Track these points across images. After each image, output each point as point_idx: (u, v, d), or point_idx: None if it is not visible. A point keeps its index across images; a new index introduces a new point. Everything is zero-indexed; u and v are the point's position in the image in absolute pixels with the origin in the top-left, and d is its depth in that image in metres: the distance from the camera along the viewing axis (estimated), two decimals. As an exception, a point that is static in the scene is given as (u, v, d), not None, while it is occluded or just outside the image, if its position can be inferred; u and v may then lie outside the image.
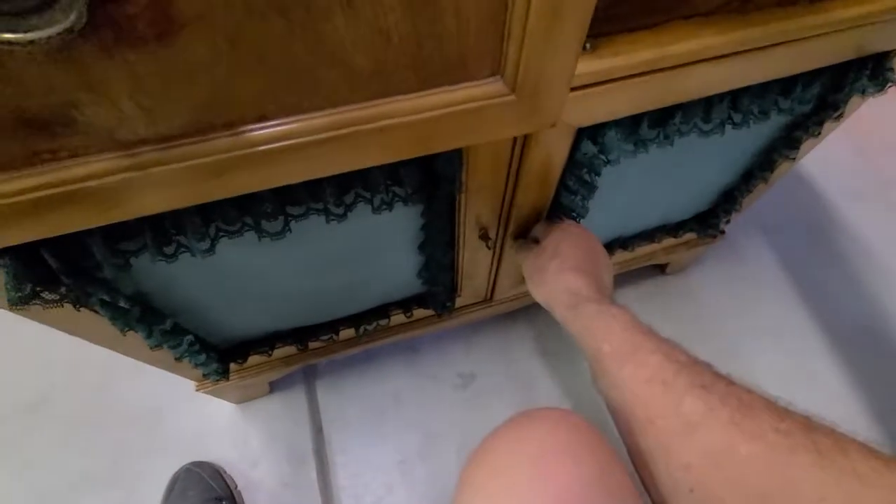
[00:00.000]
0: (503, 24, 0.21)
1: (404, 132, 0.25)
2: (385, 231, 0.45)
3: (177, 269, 0.40)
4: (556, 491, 0.31)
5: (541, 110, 0.26)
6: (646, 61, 0.33)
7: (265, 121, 0.23)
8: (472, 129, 0.27)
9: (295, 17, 0.19)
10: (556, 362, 0.80)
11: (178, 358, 0.48)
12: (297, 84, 0.21)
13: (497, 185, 0.43)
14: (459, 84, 0.24)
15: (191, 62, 0.19)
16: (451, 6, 0.20)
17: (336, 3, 0.19)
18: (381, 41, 0.20)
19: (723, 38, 0.34)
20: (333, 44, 0.20)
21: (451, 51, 0.22)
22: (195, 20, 0.18)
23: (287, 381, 0.75)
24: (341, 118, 0.23)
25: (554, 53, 0.23)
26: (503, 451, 0.36)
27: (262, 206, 0.35)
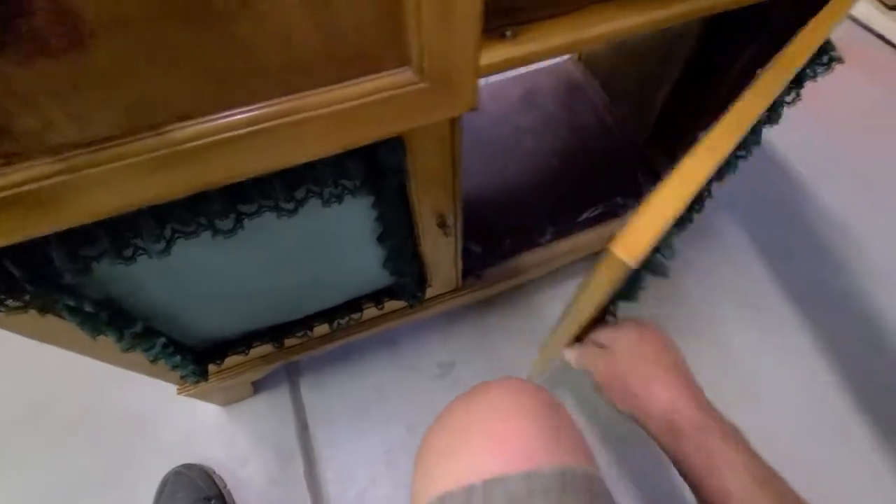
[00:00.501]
0: (400, 18, 0.23)
1: (324, 124, 0.27)
2: (342, 224, 0.47)
3: (142, 273, 0.42)
4: (505, 448, 0.33)
5: (455, 95, 0.28)
6: (565, 44, 0.35)
7: (188, 119, 0.24)
8: (393, 116, 0.28)
9: (200, 23, 0.20)
10: (533, 345, 0.82)
11: (152, 360, 0.50)
12: (213, 84, 0.23)
13: (445, 172, 0.44)
14: (370, 75, 0.26)
15: (106, 68, 0.21)
16: (345, 3, 0.22)
17: (237, 7, 0.21)
18: (285, 40, 0.22)
19: (643, 16, 0.35)
20: (241, 45, 0.22)
21: (354, 45, 0.24)
22: (103, 29, 0.19)
23: (271, 381, 0.77)
24: (260, 114, 0.25)
25: (453, 41, 0.25)
26: (458, 415, 0.37)
27: (213, 206, 0.37)
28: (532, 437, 0.34)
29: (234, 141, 0.26)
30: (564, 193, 0.79)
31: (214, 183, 0.30)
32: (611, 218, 0.76)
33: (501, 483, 0.31)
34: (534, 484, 0.31)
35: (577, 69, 0.93)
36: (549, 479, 0.31)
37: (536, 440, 0.34)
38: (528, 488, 0.31)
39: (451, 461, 0.34)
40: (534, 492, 0.31)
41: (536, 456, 0.33)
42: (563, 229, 0.75)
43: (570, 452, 0.34)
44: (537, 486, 0.31)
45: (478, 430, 0.35)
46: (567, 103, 0.90)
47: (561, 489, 0.31)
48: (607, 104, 0.88)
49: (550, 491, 0.31)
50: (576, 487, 0.32)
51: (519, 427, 0.35)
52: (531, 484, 0.31)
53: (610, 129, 0.86)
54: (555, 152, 0.84)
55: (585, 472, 0.34)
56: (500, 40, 0.34)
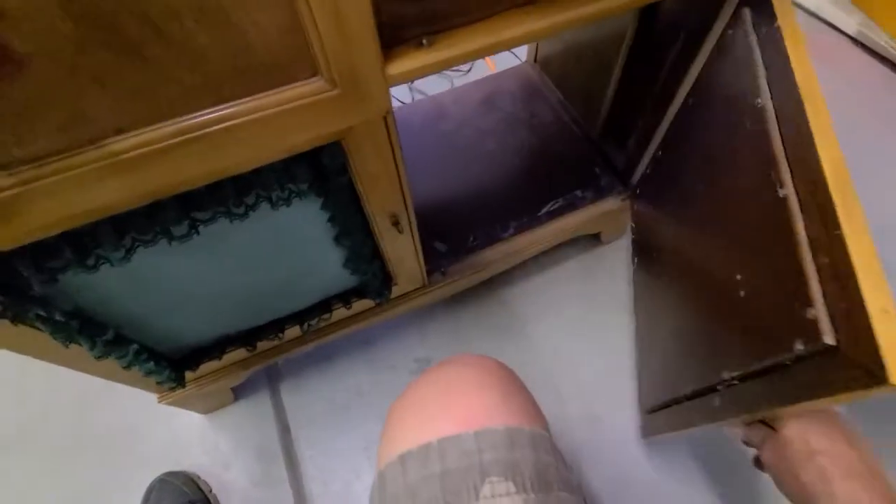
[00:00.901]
0: (301, 33, 0.27)
1: (253, 130, 0.30)
2: (299, 228, 0.50)
3: (110, 282, 0.45)
4: (459, 412, 0.37)
5: (367, 100, 0.31)
6: (478, 49, 0.38)
7: (123, 133, 0.27)
8: (314, 121, 0.32)
9: (118, 49, 0.24)
10: (506, 337, 0.85)
11: (126, 367, 0.53)
12: (141, 100, 0.26)
13: (389, 173, 0.48)
14: (286, 85, 0.29)
15: (40, 92, 0.24)
16: (248, 23, 0.25)
17: (149, 33, 0.24)
18: (199, 59, 0.26)
19: (548, 20, 0.39)
20: (158, 66, 0.25)
21: (264, 59, 0.27)
22: (34, 59, 0.23)
23: (252, 387, 0.80)
24: (188, 124, 0.28)
25: (353, 53, 0.28)
26: (420, 387, 0.41)
27: (169, 213, 0.40)
28: (484, 403, 0.38)
29: (169, 150, 0.29)
30: (526, 189, 0.82)
31: (161, 191, 0.33)
32: (571, 210, 0.80)
33: (455, 440, 0.34)
34: (483, 441, 0.34)
35: (534, 71, 0.98)
36: (497, 436, 0.35)
37: (488, 405, 0.37)
38: (479, 445, 0.34)
39: (411, 425, 0.38)
40: (483, 448, 0.34)
41: (487, 418, 0.36)
42: (525, 223, 0.79)
43: (517, 415, 0.38)
44: (486, 443, 0.34)
45: (435, 398, 0.39)
46: (526, 104, 0.94)
47: (508, 445, 0.35)
48: (563, 103, 0.92)
49: (498, 446, 0.34)
50: (522, 444, 0.35)
51: (473, 394, 0.38)
52: (481, 441, 0.34)
53: (566, 125, 0.89)
54: (516, 151, 0.87)
55: (532, 431, 0.37)
56: (418, 48, 0.37)
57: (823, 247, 0.34)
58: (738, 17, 0.50)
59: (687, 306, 0.57)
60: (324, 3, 0.25)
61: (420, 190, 0.82)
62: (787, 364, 0.36)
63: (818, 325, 0.33)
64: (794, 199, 0.37)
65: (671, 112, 0.64)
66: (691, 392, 0.52)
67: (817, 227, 0.34)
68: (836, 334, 0.32)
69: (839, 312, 0.32)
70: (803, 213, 0.36)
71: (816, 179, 0.35)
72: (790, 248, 0.36)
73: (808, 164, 0.36)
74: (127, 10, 0.22)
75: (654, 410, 0.65)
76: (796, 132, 0.38)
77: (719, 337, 0.48)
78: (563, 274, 0.91)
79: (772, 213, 0.39)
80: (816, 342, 0.33)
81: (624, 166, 0.80)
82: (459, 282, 0.77)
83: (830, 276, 0.33)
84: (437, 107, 0.94)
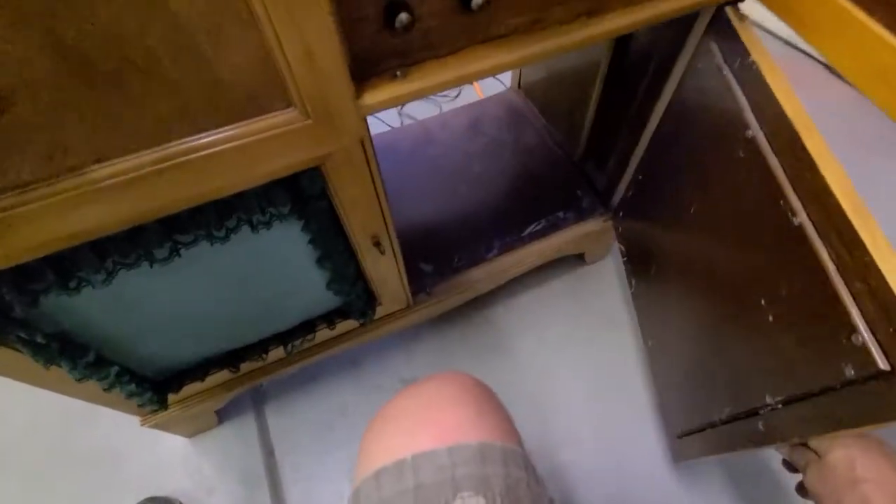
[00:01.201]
0: (274, 69, 0.28)
1: (231, 158, 0.32)
2: (281, 250, 0.51)
3: (92, 304, 0.46)
4: (433, 428, 0.37)
5: (340, 129, 0.33)
6: (448, 80, 0.40)
7: (103, 161, 0.29)
8: (289, 150, 0.33)
9: (97, 85, 0.25)
10: (492, 356, 0.86)
11: (106, 389, 0.53)
12: (120, 131, 0.28)
13: (369, 196, 0.49)
14: (262, 116, 0.31)
15: (22, 125, 0.25)
16: (223, 61, 0.27)
17: (129, 70, 0.25)
18: (176, 93, 0.27)
19: (512, 54, 0.41)
20: (137, 100, 0.27)
21: (239, 93, 0.29)
22: (13, 94, 0.24)
23: (236, 410, 0.79)
24: (166, 153, 0.30)
25: (324, 87, 0.30)
26: (396, 404, 0.41)
27: (151, 237, 0.41)
28: (458, 419, 0.38)
29: (148, 177, 0.30)
30: (510, 210, 0.84)
31: (141, 216, 0.34)
32: (553, 231, 0.81)
33: (428, 456, 0.35)
34: (456, 456, 0.35)
35: (519, 97, 1.01)
36: (470, 452, 0.35)
37: (462, 420, 0.38)
38: (452, 460, 0.35)
39: (386, 441, 0.38)
40: (456, 462, 0.35)
41: (460, 434, 0.37)
42: (509, 244, 0.80)
43: (490, 430, 0.38)
44: (459, 458, 0.35)
45: (411, 414, 0.40)
46: (511, 128, 0.96)
47: (480, 460, 0.35)
48: (546, 127, 0.95)
49: (470, 461, 0.35)
50: (494, 459, 0.36)
51: (447, 410, 0.39)
52: (454, 456, 0.35)
53: (549, 149, 0.92)
54: (500, 173, 0.89)
55: (504, 446, 0.38)
56: (393, 80, 0.39)
57: (854, 272, 0.34)
58: (706, 50, 0.52)
59: (707, 330, 0.57)
60: (294, 44, 0.27)
61: (406, 211, 0.84)
62: (837, 388, 0.37)
63: (868, 349, 0.33)
64: (811, 227, 0.38)
65: (646, 137, 0.67)
66: (728, 416, 0.52)
67: (842, 253, 0.35)
68: (888, 359, 0.32)
69: (886, 337, 0.32)
70: (823, 240, 0.37)
71: (829, 206, 0.36)
72: (819, 275, 0.37)
73: (817, 192, 0.37)
74: (107, 50, 0.24)
75: (685, 435, 0.65)
76: (797, 161, 0.39)
77: (754, 360, 0.48)
78: (548, 293, 0.92)
79: (789, 241, 0.40)
80: (869, 367, 0.33)
81: (605, 188, 0.82)
82: (445, 302, 0.77)
83: (869, 301, 0.33)
84: (424, 131, 0.97)
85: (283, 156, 0.34)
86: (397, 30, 0.37)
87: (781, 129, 0.41)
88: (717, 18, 0.50)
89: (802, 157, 0.39)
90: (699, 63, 0.54)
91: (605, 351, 0.85)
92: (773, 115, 0.42)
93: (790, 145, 0.40)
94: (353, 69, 0.38)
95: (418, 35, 0.40)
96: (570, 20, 0.43)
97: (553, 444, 0.77)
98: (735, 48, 0.47)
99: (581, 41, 0.43)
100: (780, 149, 0.42)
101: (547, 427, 0.78)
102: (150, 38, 0.25)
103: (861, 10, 0.37)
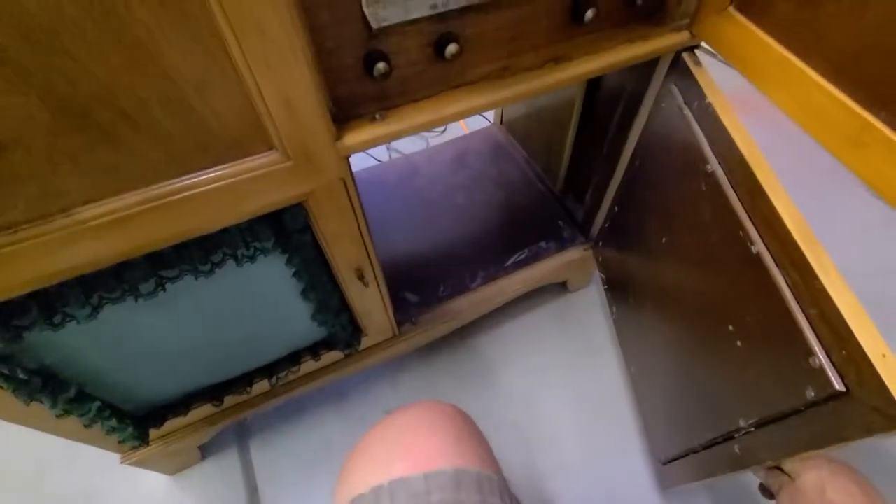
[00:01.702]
0: (256, 116, 0.31)
1: (215, 198, 0.34)
2: (266, 283, 0.53)
3: (75, 338, 0.46)
4: (413, 456, 0.38)
5: (320, 169, 0.35)
6: (425, 122, 0.43)
7: (91, 202, 0.30)
8: (271, 189, 0.35)
9: (90, 133, 0.27)
10: (478, 385, 0.86)
11: (87, 425, 0.53)
12: (110, 174, 0.30)
13: (351, 230, 0.51)
14: (244, 158, 0.33)
15: (17, 171, 0.27)
16: (208, 110, 0.29)
17: (120, 119, 0.28)
18: (165, 138, 0.29)
19: (483, 98, 0.44)
20: (127, 146, 0.29)
21: (224, 138, 0.31)
22: (11, 143, 0.26)
23: (220, 444, 0.78)
24: (153, 193, 0.31)
25: (303, 131, 0.32)
26: (375, 433, 0.42)
27: (135, 272, 0.42)
28: (436, 445, 0.39)
29: (134, 217, 0.32)
30: (493, 241, 0.86)
31: (127, 253, 0.36)
32: (536, 260, 0.84)
33: (405, 482, 0.35)
34: (432, 482, 0.35)
35: (501, 132, 1.05)
36: (445, 478, 0.36)
37: (440, 447, 0.39)
38: (427, 486, 0.35)
39: (364, 469, 0.39)
40: (432, 489, 0.35)
41: (436, 460, 0.37)
42: (493, 273, 0.82)
43: (467, 457, 0.39)
44: (435, 484, 0.35)
45: (389, 442, 0.40)
46: (494, 162, 1.00)
47: (455, 486, 0.36)
48: (527, 161, 0.98)
49: (446, 488, 0.35)
50: (469, 485, 0.36)
51: (424, 437, 0.40)
52: (430, 482, 0.35)
53: (531, 181, 0.95)
54: (484, 205, 0.92)
55: (479, 472, 0.38)
56: (372, 122, 0.42)
57: (808, 299, 0.36)
58: (668, 92, 0.56)
59: (683, 357, 0.59)
60: (274, 95, 0.29)
61: (392, 242, 0.86)
62: (802, 410, 0.38)
63: (825, 371, 0.35)
64: (768, 255, 0.40)
65: (619, 171, 0.70)
66: (707, 441, 0.53)
67: (796, 279, 0.37)
68: (843, 380, 0.34)
69: (840, 360, 0.34)
70: (780, 268, 0.39)
71: (783, 236, 0.38)
72: (776, 300, 0.39)
73: (770, 222, 0.40)
74: (100, 101, 0.26)
75: (670, 461, 0.65)
76: (750, 193, 0.42)
77: (727, 385, 0.49)
78: (533, 322, 0.93)
79: (749, 269, 0.42)
80: (826, 388, 0.35)
81: (584, 219, 0.85)
82: (430, 331, 0.78)
83: (823, 326, 0.35)
84: (410, 165, 1.00)
85: (265, 194, 0.36)
86: (376, 77, 0.40)
87: (736, 164, 0.44)
88: (675, 63, 0.54)
89: (756, 189, 0.42)
90: (663, 103, 0.57)
91: (590, 378, 0.85)
92: (729, 151, 0.45)
93: (745, 179, 0.43)
94: (334, 112, 0.40)
95: (396, 82, 0.43)
96: (537, 67, 0.47)
97: (541, 474, 0.76)
98: (693, 90, 0.51)
99: (548, 86, 0.46)
100: (737, 182, 0.45)
101: (534, 457, 0.77)
102: (142, 90, 0.27)
103: (798, 59, 0.40)
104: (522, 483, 0.76)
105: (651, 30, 0.50)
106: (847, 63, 0.37)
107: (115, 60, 0.25)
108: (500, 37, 0.44)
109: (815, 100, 0.39)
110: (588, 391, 0.84)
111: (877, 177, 0.36)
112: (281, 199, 0.38)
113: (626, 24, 0.50)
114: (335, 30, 0.37)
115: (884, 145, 0.35)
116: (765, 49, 0.43)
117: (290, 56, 0.29)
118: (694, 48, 0.54)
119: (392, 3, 0.38)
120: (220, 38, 0.26)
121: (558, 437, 0.79)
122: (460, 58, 0.43)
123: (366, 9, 0.37)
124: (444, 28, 0.41)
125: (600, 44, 0.49)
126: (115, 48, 0.24)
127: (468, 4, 0.40)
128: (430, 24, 0.40)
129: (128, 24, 0.24)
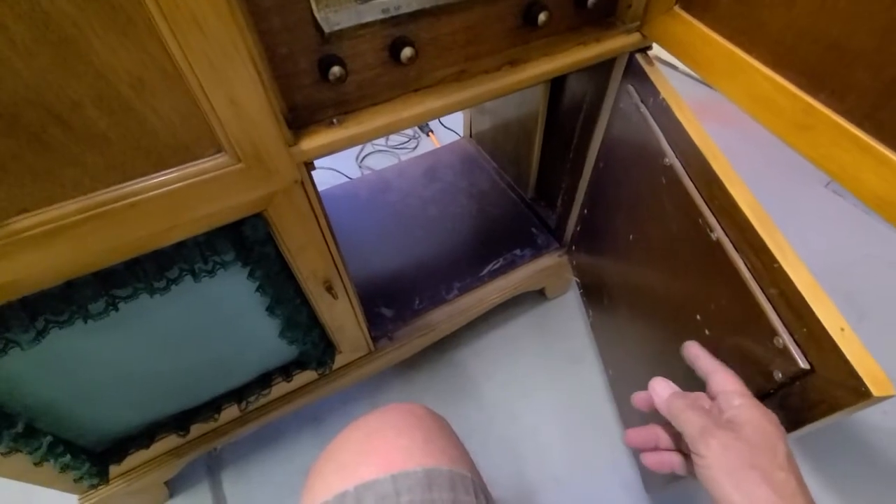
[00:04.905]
0: (202, 117, 0.30)
1: (161, 204, 0.32)
2: (226, 298, 0.51)
3: (20, 367, 0.43)
4: (380, 458, 0.36)
5: (273, 171, 0.34)
6: (382, 126, 0.43)
7: (26, 212, 0.29)
8: (221, 194, 0.34)
9: (19, 136, 0.26)
10: (460, 399, 0.84)
11: (37, 463, 0.49)
12: (43, 181, 0.28)
13: (316, 240, 0.50)
14: (192, 162, 0.32)
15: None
16: (148, 110, 0.28)
17: (50, 121, 0.26)
18: (102, 141, 0.28)
19: (442, 101, 0.45)
20: (60, 150, 0.27)
21: (168, 140, 0.30)
22: (-66, 147, 0.25)
23: (189, 479, 0.74)
24: (92, 202, 0.30)
25: (253, 132, 0.31)
26: (340, 438, 0.40)
27: (84, 291, 0.40)
28: (403, 446, 0.37)
29: (73, 226, 0.30)
30: (468, 252, 0.86)
31: (72, 270, 0.34)
32: (511, 268, 0.83)
33: (372, 485, 0.33)
34: (400, 484, 0.33)
35: (471, 145, 1.06)
36: (414, 478, 0.34)
37: (408, 447, 0.37)
38: (396, 488, 0.33)
39: (328, 476, 0.36)
40: (401, 491, 0.33)
41: (405, 460, 0.35)
42: (469, 284, 0.81)
43: (437, 456, 0.37)
44: (404, 486, 0.33)
45: (354, 446, 0.38)
46: (465, 174, 1.01)
47: (426, 486, 0.34)
48: (498, 171, 0.99)
49: (415, 488, 0.33)
50: (440, 484, 0.35)
51: (391, 438, 0.38)
52: (398, 484, 0.33)
53: (503, 191, 0.96)
54: (457, 217, 0.92)
55: (451, 471, 0.36)
56: (329, 127, 0.42)
57: (768, 279, 0.37)
58: (625, 92, 0.58)
59: (656, 354, 0.59)
60: (219, 94, 0.28)
61: (365, 257, 0.85)
62: (772, 392, 0.39)
63: (789, 350, 0.35)
64: (727, 241, 0.41)
65: (586, 174, 0.71)
66: None
67: (755, 262, 0.38)
68: (807, 357, 0.34)
69: (802, 337, 0.35)
70: (739, 252, 0.40)
71: (740, 221, 0.39)
72: (738, 284, 0.40)
73: (727, 208, 0.41)
74: (27, 101, 0.25)
75: None
76: (706, 182, 0.43)
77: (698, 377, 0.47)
78: (512, 331, 0.92)
79: (711, 256, 0.43)
80: (792, 367, 0.35)
81: (556, 225, 0.85)
82: (408, 346, 0.76)
83: (783, 305, 0.36)
84: (382, 180, 1.00)
85: (217, 200, 0.35)
86: (332, 82, 0.40)
87: (692, 155, 0.45)
88: (630, 64, 0.56)
89: (711, 178, 0.43)
90: (621, 104, 0.59)
91: (573, 385, 0.84)
92: (684, 143, 0.46)
93: (701, 169, 0.44)
94: (291, 118, 0.40)
95: (354, 87, 0.43)
96: (494, 69, 0.48)
97: (529, 487, 0.74)
98: (648, 88, 0.53)
99: (505, 87, 0.47)
100: (694, 173, 0.46)
101: (521, 469, 0.75)
102: (73, 91, 0.26)
103: (741, 50, 0.42)
104: (511, 499, 0.73)
105: (603, 32, 0.52)
106: (785, 50, 0.38)
107: (42, 59, 0.24)
108: (456, 41, 0.45)
109: (761, 88, 0.41)
110: (572, 399, 0.83)
111: (823, 157, 0.37)
112: (235, 204, 0.36)
113: (579, 27, 0.52)
114: (287, 35, 0.37)
115: (826, 126, 0.36)
116: (710, 43, 0.45)
117: (234, 55, 0.28)
118: (646, 49, 0.55)
119: (344, 7, 0.38)
120: (155, 33, 0.25)
121: (544, 449, 0.77)
122: (417, 62, 0.43)
123: (317, 13, 0.37)
124: (398, 32, 0.41)
125: (555, 46, 0.50)
126: (41, 46, 0.23)
127: (420, 8, 0.41)
128: (383, 28, 0.40)
129: (54, 18, 0.23)
